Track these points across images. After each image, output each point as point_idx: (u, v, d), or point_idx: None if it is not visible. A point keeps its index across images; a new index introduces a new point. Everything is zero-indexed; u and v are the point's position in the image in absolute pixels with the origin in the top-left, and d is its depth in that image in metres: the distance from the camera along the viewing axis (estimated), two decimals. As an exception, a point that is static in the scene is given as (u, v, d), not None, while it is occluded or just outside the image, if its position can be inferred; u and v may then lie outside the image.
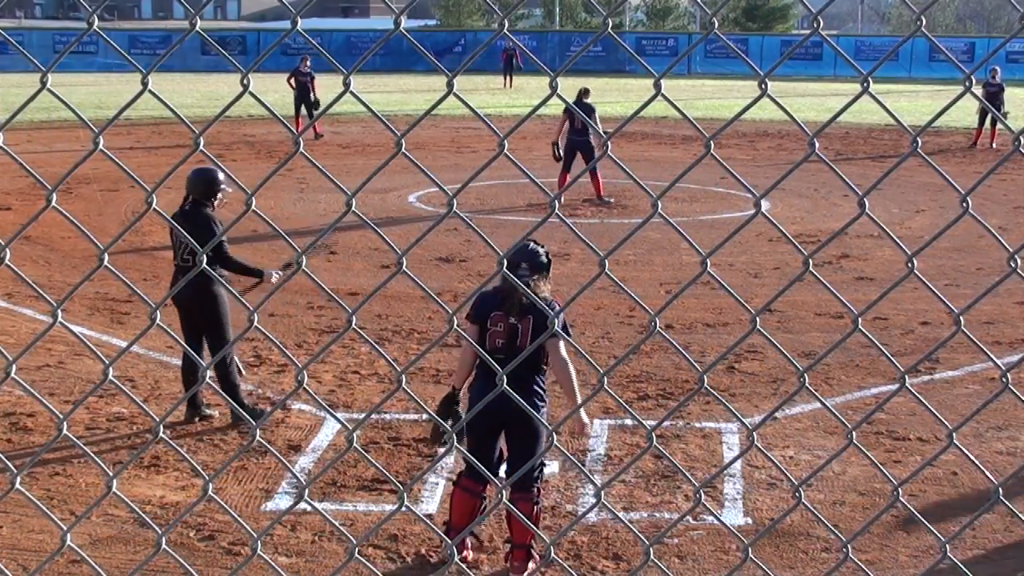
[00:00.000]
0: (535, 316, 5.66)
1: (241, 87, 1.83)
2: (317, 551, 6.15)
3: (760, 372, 9.18)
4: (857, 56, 45.63)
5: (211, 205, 7.76)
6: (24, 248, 13.04)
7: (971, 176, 19.77)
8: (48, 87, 1.82)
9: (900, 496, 2.32)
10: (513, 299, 5.67)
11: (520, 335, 5.70)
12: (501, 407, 5.45)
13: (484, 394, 5.66)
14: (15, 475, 2.07)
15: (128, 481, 6.94)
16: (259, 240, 13.65)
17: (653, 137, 26.20)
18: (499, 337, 5.70)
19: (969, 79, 1.99)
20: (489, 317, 5.74)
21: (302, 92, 23.89)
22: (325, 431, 7.81)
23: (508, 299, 5.69)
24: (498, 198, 17.35)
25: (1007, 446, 7.67)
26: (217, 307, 7.69)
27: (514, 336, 5.71)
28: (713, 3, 30.94)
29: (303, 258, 1.94)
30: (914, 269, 2.11)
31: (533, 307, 5.61)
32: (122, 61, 26.60)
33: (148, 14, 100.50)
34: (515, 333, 5.71)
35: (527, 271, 5.67)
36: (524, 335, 5.69)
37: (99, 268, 1.92)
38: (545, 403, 5.89)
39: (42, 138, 23.60)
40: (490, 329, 5.74)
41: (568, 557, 6.06)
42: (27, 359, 8.87)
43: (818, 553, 6.18)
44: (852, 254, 13.60)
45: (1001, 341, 10.04)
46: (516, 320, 5.69)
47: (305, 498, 2.20)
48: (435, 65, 2.05)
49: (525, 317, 5.68)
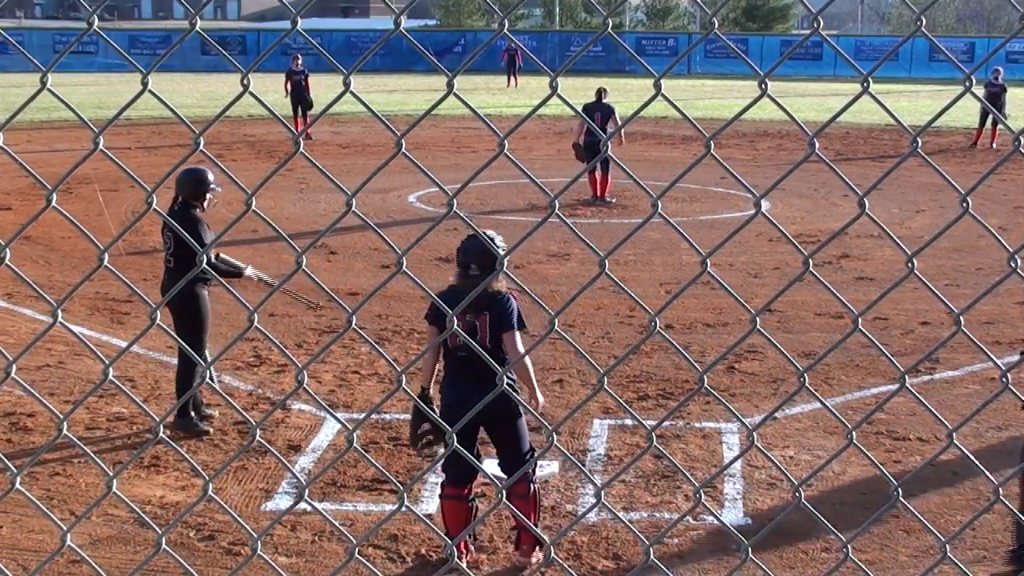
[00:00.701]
0: (491, 312, 5.76)
1: (241, 87, 1.83)
2: (317, 551, 6.15)
3: (760, 372, 9.18)
4: (857, 56, 45.63)
5: (199, 206, 7.72)
6: (24, 248, 13.04)
7: (971, 176, 19.77)
8: (48, 87, 1.82)
9: (900, 496, 2.32)
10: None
11: (479, 331, 5.78)
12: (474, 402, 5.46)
13: (452, 396, 5.73)
14: (15, 475, 2.07)
15: (128, 481, 6.94)
16: (259, 240, 13.65)
17: (653, 137, 26.20)
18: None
19: (969, 79, 1.99)
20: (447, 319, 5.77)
21: (297, 91, 23.90)
22: (325, 431, 7.81)
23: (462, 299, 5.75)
24: (498, 198, 17.34)
25: (1007, 446, 7.67)
26: (197, 307, 7.66)
27: (473, 333, 5.78)
28: (713, 3, 30.95)
29: (303, 258, 1.94)
30: (914, 269, 2.11)
31: (491, 303, 5.73)
32: (122, 61, 26.60)
33: (148, 14, 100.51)
34: (474, 330, 5.78)
35: (477, 271, 5.74)
36: (483, 330, 5.77)
37: (99, 268, 1.92)
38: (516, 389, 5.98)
39: (42, 138, 23.60)
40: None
41: (568, 557, 6.06)
42: (27, 359, 8.87)
43: (818, 553, 6.18)
44: (852, 254, 13.60)
45: (1001, 341, 10.04)
46: (472, 318, 5.77)
47: (305, 498, 2.20)
48: (435, 65, 2.05)
49: (482, 314, 5.77)
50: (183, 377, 7.82)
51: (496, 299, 5.78)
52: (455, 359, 5.80)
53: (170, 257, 7.74)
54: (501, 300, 5.78)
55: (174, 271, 7.68)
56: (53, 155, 20.69)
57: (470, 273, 5.74)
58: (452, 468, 5.88)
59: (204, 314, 7.72)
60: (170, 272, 7.76)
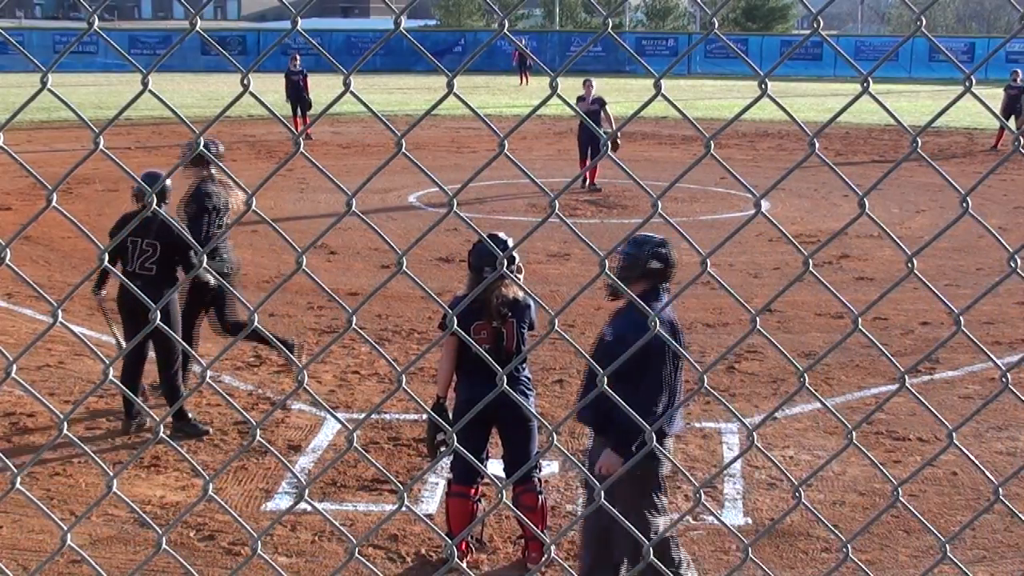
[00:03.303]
0: (516, 317, 5.81)
1: (241, 87, 1.83)
2: (317, 551, 6.15)
3: (760, 372, 9.18)
4: (857, 56, 45.63)
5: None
6: (24, 248, 13.03)
7: (971, 176, 19.77)
8: (48, 87, 1.82)
9: (900, 496, 2.32)
10: (492, 307, 5.75)
11: (506, 338, 5.81)
12: (490, 404, 5.45)
13: (470, 394, 5.71)
14: (15, 475, 2.07)
15: (128, 481, 6.94)
16: (259, 240, 13.65)
17: (653, 137, 26.20)
18: (485, 343, 5.73)
19: (969, 79, 1.99)
20: (471, 327, 5.76)
21: (295, 90, 23.90)
22: (325, 431, 7.81)
23: (487, 307, 5.76)
24: (498, 198, 17.35)
25: (1007, 446, 7.67)
26: (169, 309, 7.62)
27: (500, 339, 5.81)
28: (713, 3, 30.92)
29: (303, 258, 1.94)
30: (914, 269, 2.11)
31: (513, 308, 5.77)
32: (122, 61, 26.58)
33: (148, 14, 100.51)
34: (500, 336, 5.80)
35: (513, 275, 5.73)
36: (510, 337, 5.81)
37: (99, 268, 1.92)
38: (532, 392, 6.05)
39: (42, 138, 23.59)
40: (473, 337, 5.77)
41: (568, 557, 6.05)
42: (27, 359, 8.87)
43: (818, 553, 6.18)
44: (852, 254, 13.60)
45: (1001, 341, 10.04)
46: (499, 324, 5.78)
47: (305, 498, 2.20)
48: (435, 65, 2.05)
49: (508, 320, 5.80)
50: (168, 381, 7.77)
51: (519, 303, 5.81)
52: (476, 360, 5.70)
53: (151, 264, 7.56)
54: (526, 304, 5.81)
55: (155, 278, 7.49)
56: (53, 155, 20.69)
57: (485, 277, 5.69)
58: (461, 466, 5.89)
59: (176, 318, 7.77)
60: (150, 280, 7.48)
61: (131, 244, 7.62)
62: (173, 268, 7.67)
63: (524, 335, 5.86)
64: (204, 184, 8.09)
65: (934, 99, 36.57)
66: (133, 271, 7.60)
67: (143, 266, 7.59)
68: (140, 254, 7.60)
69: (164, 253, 7.55)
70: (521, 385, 5.90)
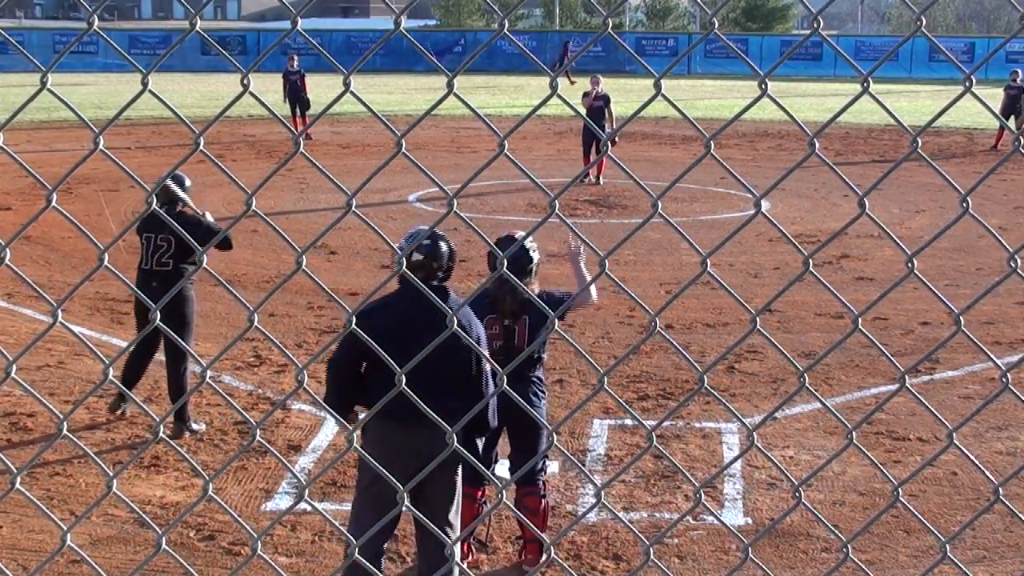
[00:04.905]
0: (530, 315, 5.71)
1: (241, 87, 1.83)
2: (317, 551, 6.15)
3: (760, 372, 9.18)
4: (857, 56, 45.61)
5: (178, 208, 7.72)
6: (24, 248, 13.03)
7: (971, 176, 19.77)
8: (48, 87, 1.82)
9: (900, 496, 2.32)
10: (504, 304, 5.71)
11: (517, 336, 5.75)
12: (502, 405, 5.49)
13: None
14: (15, 475, 2.07)
15: (128, 481, 6.94)
16: (259, 240, 13.65)
17: (653, 137, 26.19)
18: (496, 339, 5.71)
19: (969, 79, 1.99)
20: (484, 320, 5.75)
21: (293, 91, 23.90)
22: (325, 431, 7.81)
23: (499, 304, 5.73)
24: (498, 198, 17.34)
25: (1007, 446, 7.67)
26: (187, 308, 7.67)
27: (511, 337, 5.75)
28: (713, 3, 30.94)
29: (303, 258, 1.94)
30: (914, 269, 2.11)
31: (527, 306, 5.66)
32: (122, 61, 26.59)
33: (148, 14, 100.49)
34: (511, 334, 5.75)
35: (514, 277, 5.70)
36: (521, 336, 5.74)
37: (99, 268, 1.92)
38: (544, 394, 5.96)
39: (42, 138, 23.59)
40: (486, 332, 5.76)
41: (568, 557, 6.06)
42: (27, 359, 8.87)
43: (818, 553, 6.18)
44: (852, 254, 13.60)
45: (1001, 341, 10.04)
46: (511, 322, 5.73)
47: (305, 498, 2.20)
48: (435, 65, 2.05)
49: (520, 318, 5.73)
50: (176, 379, 7.77)
51: (530, 302, 5.78)
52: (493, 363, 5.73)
53: (167, 260, 7.61)
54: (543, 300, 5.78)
55: (171, 273, 7.56)
56: (53, 155, 20.69)
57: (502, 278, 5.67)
58: (468, 468, 5.88)
59: (193, 316, 7.76)
60: (166, 275, 7.57)
61: (146, 240, 7.69)
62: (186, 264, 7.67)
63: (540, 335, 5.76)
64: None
65: (934, 99, 36.56)
66: (150, 268, 7.66)
67: (159, 262, 7.64)
68: (155, 250, 7.66)
69: (179, 248, 7.57)
70: (533, 386, 5.83)
